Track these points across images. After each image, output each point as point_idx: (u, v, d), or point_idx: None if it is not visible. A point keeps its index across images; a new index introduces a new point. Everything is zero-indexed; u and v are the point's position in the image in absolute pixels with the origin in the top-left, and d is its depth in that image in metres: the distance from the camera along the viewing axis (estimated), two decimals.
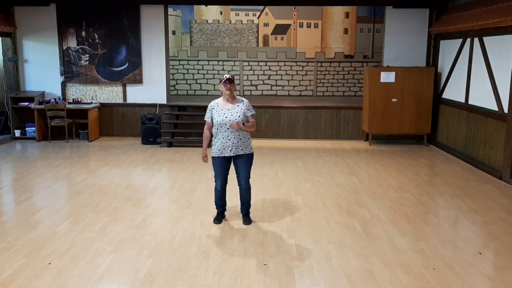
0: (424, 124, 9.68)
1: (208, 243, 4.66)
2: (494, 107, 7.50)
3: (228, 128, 4.87)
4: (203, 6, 17.92)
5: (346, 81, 15.85)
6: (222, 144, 4.93)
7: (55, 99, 10.27)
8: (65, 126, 9.80)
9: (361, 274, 4.02)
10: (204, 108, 10.24)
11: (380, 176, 7.35)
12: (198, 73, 15.64)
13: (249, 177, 5.12)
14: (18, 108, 10.10)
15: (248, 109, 4.99)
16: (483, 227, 5.21)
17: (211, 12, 18.39)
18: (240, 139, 4.93)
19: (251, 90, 15.65)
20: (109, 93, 10.51)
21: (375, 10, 17.54)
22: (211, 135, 5.11)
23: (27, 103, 9.98)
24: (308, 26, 18.59)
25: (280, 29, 18.74)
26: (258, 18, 18.92)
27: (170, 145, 9.65)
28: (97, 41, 10.30)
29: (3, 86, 10.41)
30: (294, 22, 18.84)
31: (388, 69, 9.62)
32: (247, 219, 5.24)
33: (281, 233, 4.95)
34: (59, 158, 8.40)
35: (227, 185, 5.23)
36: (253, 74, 15.75)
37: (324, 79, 15.84)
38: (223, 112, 4.91)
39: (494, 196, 6.37)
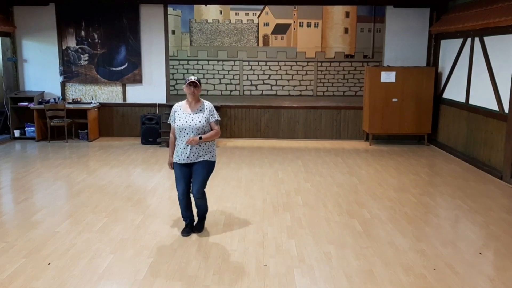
0: (425, 124, 9.67)
1: (208, 243, 4.65)
2: (494, 107, 7.49)
3: (187, 133, 4.57)
4: (203, 6, 17.90)
5: (346, 81, 15.85)
6: (181, 150, 4.62)
7: (54, 99, 10.26)
8: (65, 126, 9.79)
9: (361, 274, 4.01)
10: None
11: (380, 176, 7.34)
12: (198, 72, 15.63)
13: (204, 186, 4.71)
14: (18, 108, 10.09)
15: (211, 115, 4.65)
16: (483, 227, 5.20)
17: (211, 12, 18.38)
18: (200, 145, 4.60)
19: (251, 90, 15.65)
20: (109, 93, 10.50)
21: (376, 9, 17.53)
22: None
23: (27, 103, 9.97)
24: (308, 25, 18.57)
25: (280, 29, 18.73)
26: (258, 17, 18.91)
27: None
28: (96, 40, 10.29)
29: (3, 86, 10.40)
30: (294, 22, 18.82)
31: (389, 68, 9.62)
32: (198, 226, 4.89)
33: (281, 233, 4.94)
34: (59, 158, 8.39)
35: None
36: (253, 74, 15.75)
37: (324, 79, 15.84)
38: (184, 116, 4.61)
39: (494, 196, 6.37)
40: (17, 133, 10.08)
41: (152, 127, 9.79)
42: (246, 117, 10.47)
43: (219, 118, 4.78)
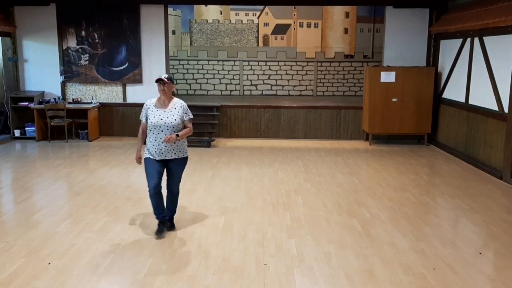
0: (424, 124, 9.68)
1: (208, 243, 4.65)
2: (494, 107, 7.49)
3: (162, 131, 4.61)
4: (203, 6, 17.90)
5: (346, 81, 15.84)
6: (154, 146, 4.65)
7: (54, 99, 10.26)
8: (65, 126, 9.79)
9: (361, 274, 4.02)
10: (205, 108, 10.27)
11: (380, 176, 7.34)
12: (198, 73, 15.62)
13: (180, 181, 4.88)
14: (18, 108, 10.10)
15: (185, 113, 4.72)
16: (483, 227, 5.21)
17: (211, 12, 18.38)
18: (174, 142, 4.66)
19: (251, 90, 15.64)
20: (109, 93, 10.50)
21: (375, 10, 17.52)
22: (146, 136, 4.81)
23: (27, 103, 9.97)
24: (308, 26, 18.57)
25: (280, 29, 18.72)
26: (258, 18, 18.90)
27: None
28: (97, 40, 10.29)
29: (3, 86, 10.40)
30: (294, 22, 18.81)
31: (388, 69, 9.62)
32: (171, 225, 4.96)
33: (281, 233, 4.95)
34: (59, 158, 8.39)
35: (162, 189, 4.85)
36: (253, 74, 15.74)
37: (324, 79, 15.83)
38: (158, 113, 4.65)
39: (494, 196, 6.37)
40: (17, 133, 10.08)
41: None
42: (246, 117, 10.47)
43: (193, 116, 4.86)
